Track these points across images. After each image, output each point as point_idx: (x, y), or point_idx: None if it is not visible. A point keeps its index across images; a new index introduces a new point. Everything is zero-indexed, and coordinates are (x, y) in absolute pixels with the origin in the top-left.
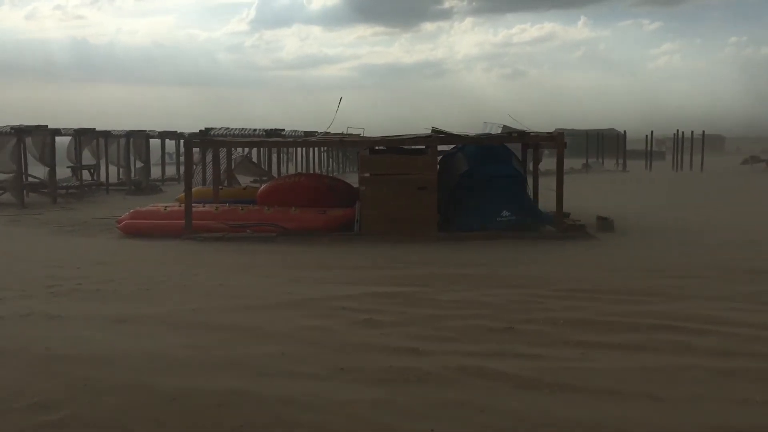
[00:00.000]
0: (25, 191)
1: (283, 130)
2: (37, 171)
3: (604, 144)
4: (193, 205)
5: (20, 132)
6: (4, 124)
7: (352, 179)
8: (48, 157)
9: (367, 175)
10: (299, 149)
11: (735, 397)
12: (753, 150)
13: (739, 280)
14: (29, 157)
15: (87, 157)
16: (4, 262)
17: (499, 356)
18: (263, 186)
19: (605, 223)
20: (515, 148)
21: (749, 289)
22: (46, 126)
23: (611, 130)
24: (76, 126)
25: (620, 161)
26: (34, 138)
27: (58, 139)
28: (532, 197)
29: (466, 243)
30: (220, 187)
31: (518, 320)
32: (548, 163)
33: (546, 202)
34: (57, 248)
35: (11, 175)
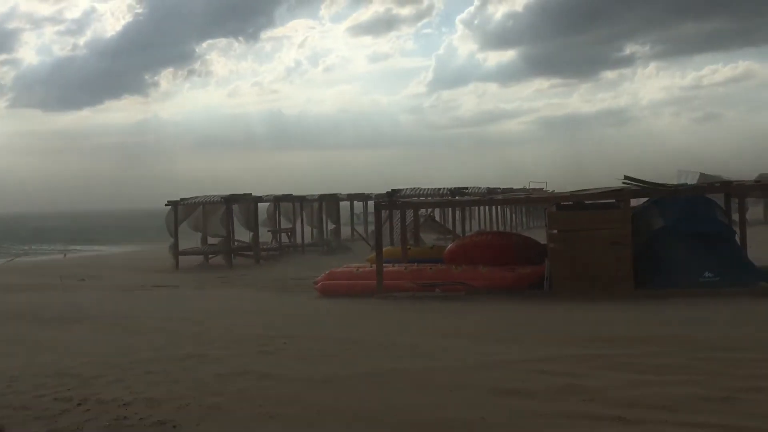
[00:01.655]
0: (233, 254)
1: (467, 188)
2: (240, 235)
3: None
4: (384, 264)
5: (229, 201)
6: (214, 194)
7: (536, 235)
8: (252, 222)
9: (555, 231)
10: (481, 206)
11: None
12: None
13: None
14: (236, 222)
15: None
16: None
17: (715, 428)
18: (451, 245)
19: None
20: (717, 198)
21: None
22: (251, 194)
23: None
24: (273, 192)
25: None
26: (240, 205)
27: (259, 204)
28: (741, 251)
29: (667, 301)
30: (408, 246)
31: (737, 388)
32: (755, 212)
33: (756, 255)
34: (260, 309)
35: (221, 239)
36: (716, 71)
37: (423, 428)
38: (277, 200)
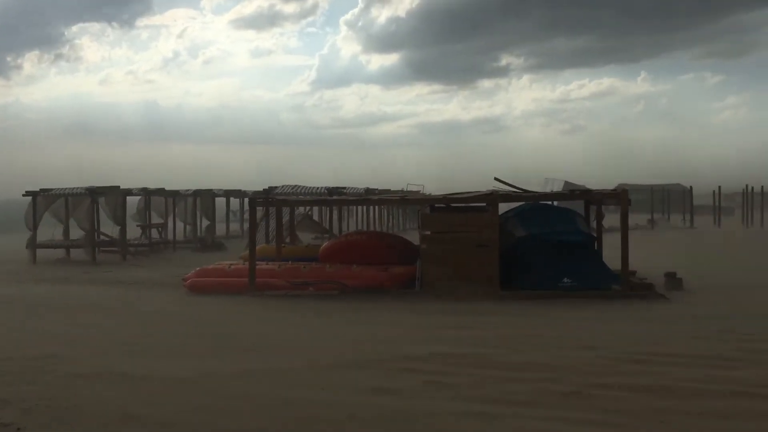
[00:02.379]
0: (96, 249)
1: (345, 188)
2: (108, 229)
3: (670, 200)
4: (257, 262)
5: (94, 193)
6: (79, 185)
7: (412, 236)
8: (119, 217)
9: (428, 232)
10: (359, 207)
11: None
12: None
13: None
14: (102, 216)
15: (154, 216)
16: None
17: (567, 421)
18: (325, 244)
19: (674, 282)
20: (578, 205)
21: None
22: (118, 186)
23: (677, 185)
24: (147, 186)
25: (687, 217)
26: (107, 198)
27: (128, 198)
28: (598, 257)
29: (529, 302)
30: (283, 245)
31: (587, 384)
32: (612, 219)
33: (610, 260)
34: (128, 307)
35: (85, 233)
36: (583, 86)
37: (290, 426)
38: (148, 194)
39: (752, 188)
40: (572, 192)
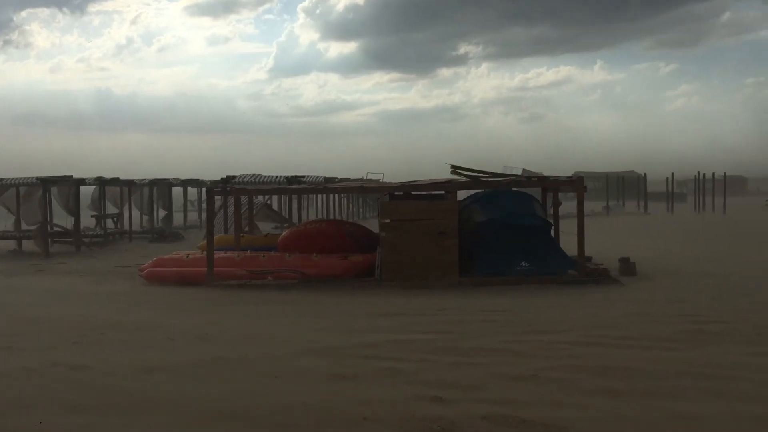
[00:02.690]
0: (50, 240)
1: (304, 176)
2: (62, 220)
3: (624, 187)
4: (215, 252)
5: (46, 182)
6: (31, 175)
7: (372, 225)
8: (73, 207)
9: (387, 221)
10: (319, 195)
11: None
12: None
13: (765, 324)
14: (55, 206)
15: (110, 206)
16: (29, 313)
17: (523, 405)
18: (284, 233)
19: (627, 266)
20: (535, 192)
21: None
22: (71, 176)
23: (631, 172)
24: (101, 175)
25: (641, 204)
26: (60, 188)
27: (82, 188)
28: (554, 242)
29: (487, 289)
30: (242, 234)
31: (543, 368)
32: (568, 206)
33: (567, 246)
34: (81, 298)
35: (37, 224)
36: (541, 74)
37: (245, 416)
38: (103, 183)
39: (704, 175)
40: (529, 179)
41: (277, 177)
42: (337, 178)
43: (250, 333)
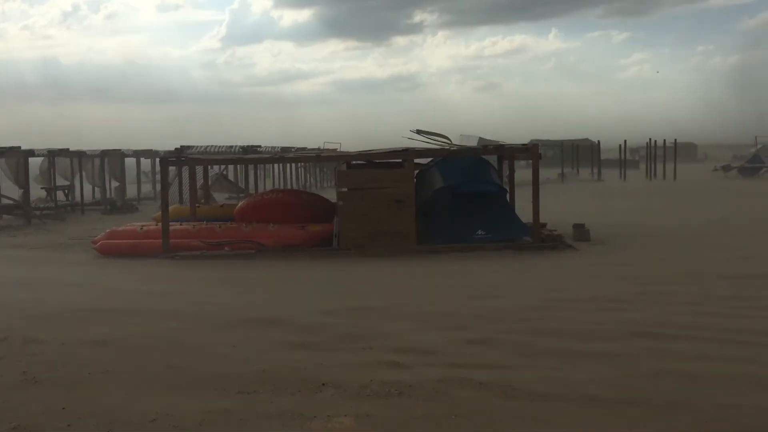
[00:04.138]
0: None
1: (260, 146)
2: (11, 193)
3: (579, 154)
4: (170, 223)
5: None
6: None
7: (330, 195)
8: (22, 179)
9: (344, 189)
10: (276, 165)
11: (713, 402)
12: (720, 157)
13: (711, 285)
14: (3, 178)
15: (59, 179)
16: None
17: (479, 367)
18: (241, 203)
19: (581, 232)
20: (492, 159)
21: (722, 294)
22: (20, 147)
23: (586, 140)
24: (49, 146)
25: (595, 171)
26: (7, 159)
27: (31, 160)
28: (510, 209)
29: (444, 256)
30: (197, 205)
31: (498, 330)
32: (524, 174)
33: (522, 213)
34: (34, 270)
35: None
36: (496, 43)
37: (204, 384)
38: (52, 155)
39: (655, 142)
40: (485, 147)
41: (232, 147)
42: (293, 148)
43: (207, 302)
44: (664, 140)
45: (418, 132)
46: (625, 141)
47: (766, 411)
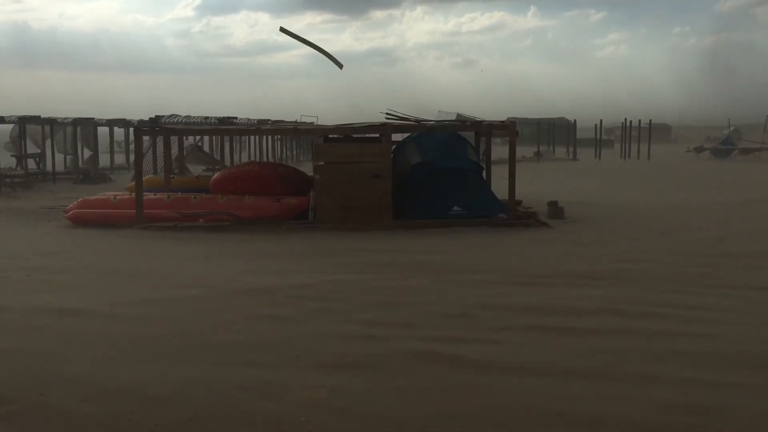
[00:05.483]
0: None
1: (236, 117)
2: None
3: (555, 133)
4: (144, 194)
5: None
6: None
7: (306, 168)
8: None
9: (321, 163)
10: (252, 138)
11: (681, 376)
12: (693, 138)
13: (682, 263)
14: None
15: (30, 146)
16: None
17: (453, 341)
18: (216, 174)
19: (556, 210)
20: (469, 135)
21: (692, 272)
22: None
23: (562, 118)
24: (19, 114)
25: (571, 150)
26: None
27: (0, 127)
28: (486, 186)
29: (420, 231)
30: (172, 176)
31: (472, 305)
32: (500, 151)
33: (498, 190)
34: (3, 239)
35: None
36: (474, 19)
37: (178, 355)
38: (23, 122)
39: (630, 122)
40: (463, 123)
41: (207, 118)
42: (270, 120)
43: (181, 274)
44: (639, 121)
45: (389, 114)
46: (601, 121)
47: (725, 386)
